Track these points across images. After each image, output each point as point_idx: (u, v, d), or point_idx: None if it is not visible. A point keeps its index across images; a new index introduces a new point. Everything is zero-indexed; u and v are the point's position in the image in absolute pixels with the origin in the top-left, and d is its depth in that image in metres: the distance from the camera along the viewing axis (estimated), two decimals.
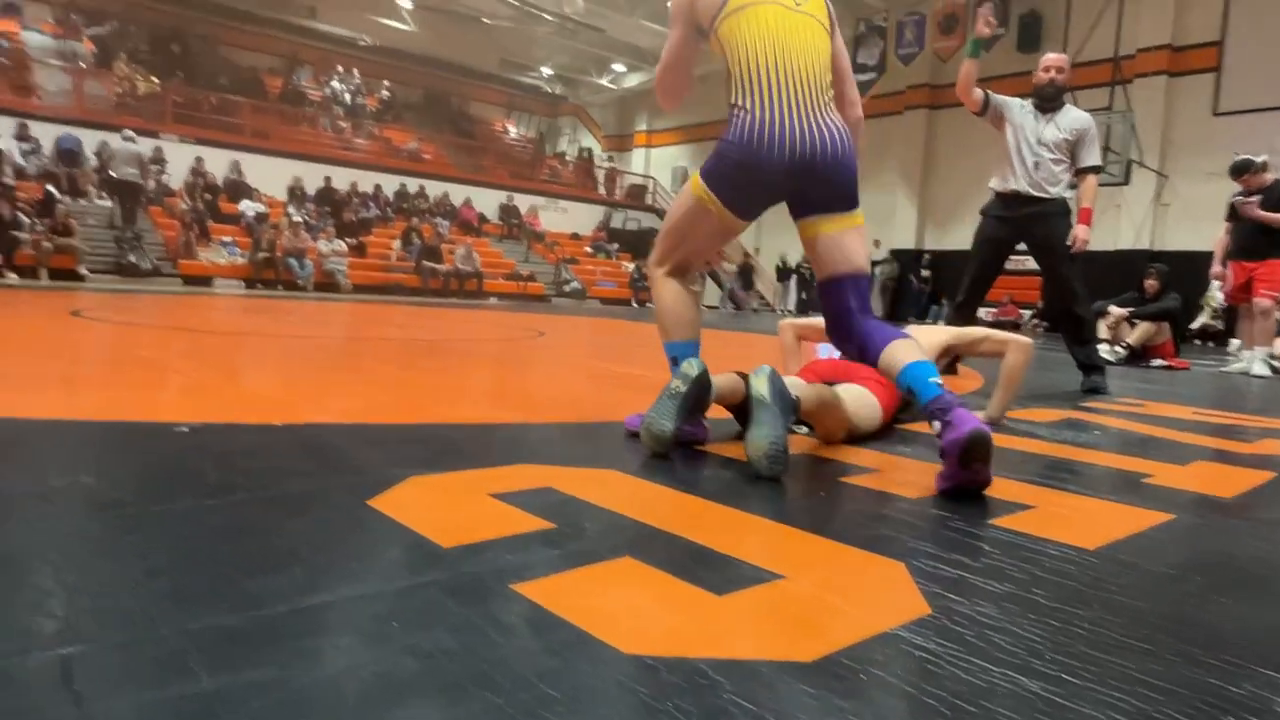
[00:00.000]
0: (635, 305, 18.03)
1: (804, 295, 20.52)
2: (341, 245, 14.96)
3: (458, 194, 19.77)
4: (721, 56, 2.00)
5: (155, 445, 1.76)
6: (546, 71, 26.58)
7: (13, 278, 10.98)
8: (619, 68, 25.19)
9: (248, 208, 15.14)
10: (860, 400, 2.23)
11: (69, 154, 14.65)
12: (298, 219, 14.59)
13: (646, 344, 5.86)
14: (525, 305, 14.20)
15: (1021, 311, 15.08)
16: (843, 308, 1.94)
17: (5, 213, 11.30)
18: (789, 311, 20.35)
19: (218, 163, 16.15)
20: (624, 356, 4.90)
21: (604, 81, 25.85)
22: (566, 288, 17.83)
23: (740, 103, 1.92)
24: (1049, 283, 4.33)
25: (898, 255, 18.55)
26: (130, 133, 13.72)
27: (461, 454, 1.86)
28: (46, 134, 14.69)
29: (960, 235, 17.93)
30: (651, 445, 1.87)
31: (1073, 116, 4.09)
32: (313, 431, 2.02)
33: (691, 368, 1.93)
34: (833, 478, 1.79)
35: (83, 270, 11.83)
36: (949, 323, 5.01)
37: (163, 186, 15.11)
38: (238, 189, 15.92)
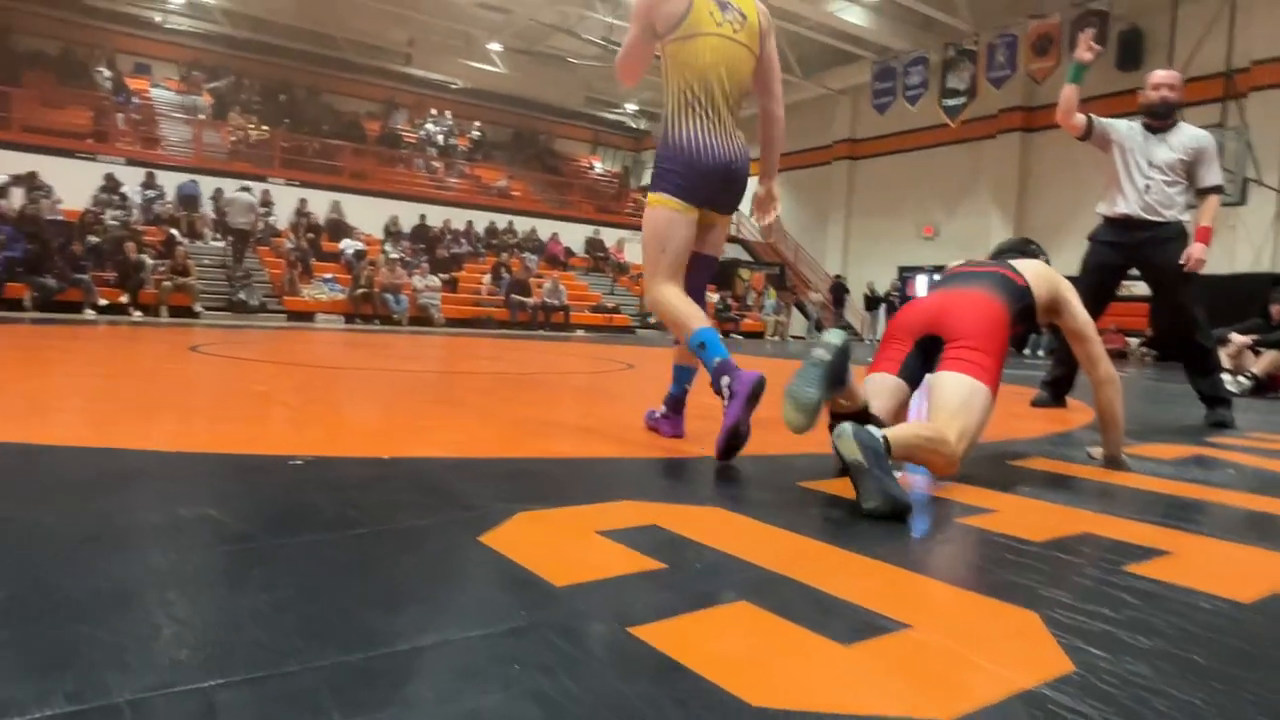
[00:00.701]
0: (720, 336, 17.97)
1: None
2: (435, 280, 15.47)
3: (545, 229, 20.22)
4: (665, 65, 2.44)
5: (272, 478, 1.82)
6: (631, 107, 27.06)
7: (137, 315, 11.76)
8: None
9: (347, 246, 15.85)
10: (970, 405, 1.96)
11: (189, 199, 15.69)
12: (394, 256, 15.18)
13: None
14: (612, 337, 14.34)
15: (1128, 339, 14.34)
16: (698, 274, 2.59)
17: (133, 255, 12.15)
18: (877, 341, 19.92)
19: (320, 203, 17.00)
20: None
21: None
22: (651, 319, 17.91)
23: (677, 119, 2.40)
24: (1166, 311, 4.07)
25: None
26: (247, 184, 14.68)
27: (565, 489, 1.86)
28: (169, 181, 15.80)
29: (1061, 261, 17.13)
30: (795, 417, 1.82)
31: (1188, 135, 3.88)
32: (419, 465, 2.06)
33: (834, 336, 1.88)
34: (949, 519, 1.71)
35: (198, 308, 12.57)
36: (1051, 351, 4.77)
37: (270, 228, 15.99)
38: (338, 228, 16.70)
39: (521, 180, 23.16)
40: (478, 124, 24.74)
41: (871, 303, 20.23)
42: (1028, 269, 2.42)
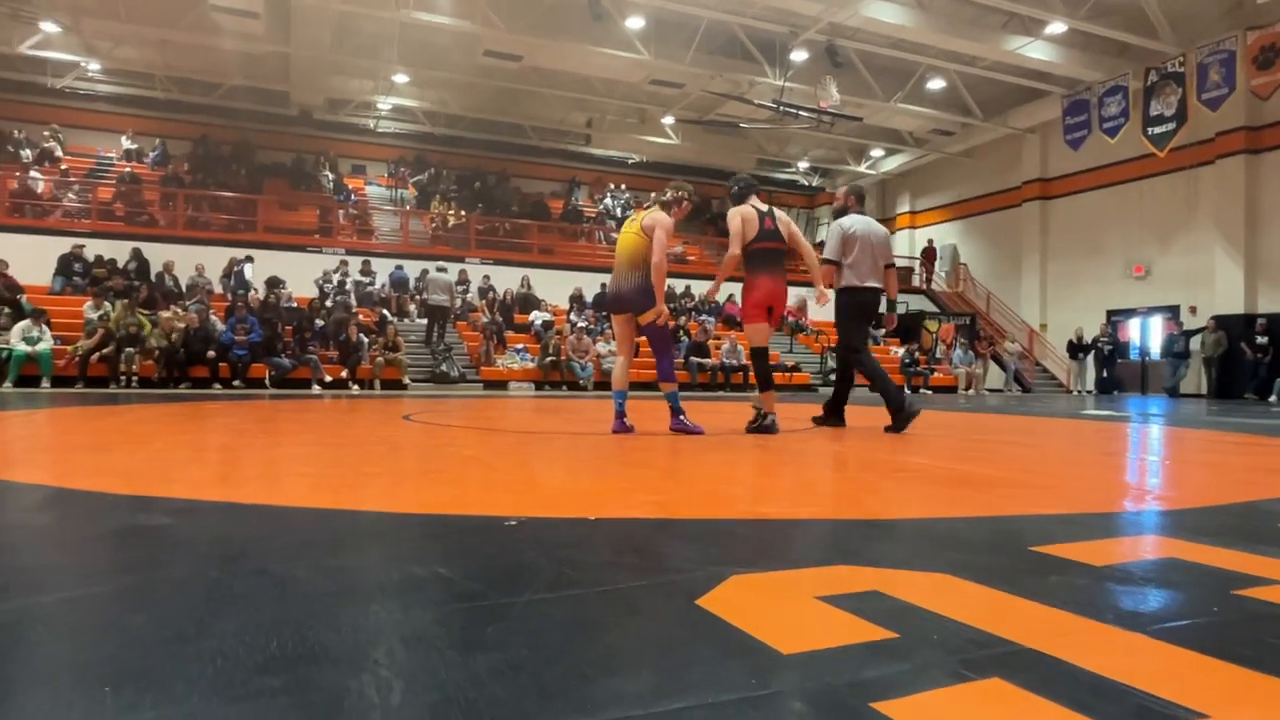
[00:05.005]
0: (908, 391, 17.18)
1: (1105, 373, 18.36)
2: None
3: (721, 291, 20.38)
4: None
5: (491, 538, 1.90)
6: (803, 165, 27.04)
7: (355, 389, 12.95)
8: (877, 153, 25.00)
9: (536, 317, 16.76)
10: None
11: (399, 282, 17.29)
12: (579, 324, 15.86)
13: (928, 432, 5.51)
14: (793, 395, 14.10)
15: None
16: (652, 341, 5.21)
17: (353, 336, 13.46)
18: (1088, 392, 18.27)
19: (511, 279, 18.16)
20: (906, 446, 4.62)
21: (862, 168, 25.73)
22: (833, 376, 17.47)
23: None
24: None
25: (1222, 322, 16.04)
26: (444, 264, 16.00)
27: (775, 552, 1.81)
28: (381, 267, 17.52)
29: None
30: None
31: None
32: (625, 526, 2.07)
33: None
34: (1223, 589, 1.49)
35: (406, 380, 13.66)
36: None
37: (467, 304, 17.24)
38: (527, 301, 17.72)
39: (696, 245, 23.63)
40: (653, 195, 25.64)
41: (1077, 349, 18.66)
42: (780, 221, 5.14)
